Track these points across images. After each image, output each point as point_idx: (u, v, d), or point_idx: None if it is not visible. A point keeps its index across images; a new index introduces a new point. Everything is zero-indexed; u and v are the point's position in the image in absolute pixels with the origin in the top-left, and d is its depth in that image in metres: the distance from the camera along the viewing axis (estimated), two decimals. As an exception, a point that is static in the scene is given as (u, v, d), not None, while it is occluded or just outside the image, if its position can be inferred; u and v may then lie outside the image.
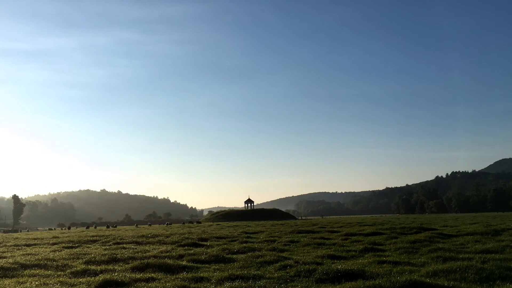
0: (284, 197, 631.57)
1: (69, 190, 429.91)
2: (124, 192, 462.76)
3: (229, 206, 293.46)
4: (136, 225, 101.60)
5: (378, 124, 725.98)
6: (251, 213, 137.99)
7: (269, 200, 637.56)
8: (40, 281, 13.08)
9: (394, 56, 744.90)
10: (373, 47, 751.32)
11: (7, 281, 13.30)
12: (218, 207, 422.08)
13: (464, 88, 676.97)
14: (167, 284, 12.06)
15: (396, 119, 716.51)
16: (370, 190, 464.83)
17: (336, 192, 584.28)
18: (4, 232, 66.75)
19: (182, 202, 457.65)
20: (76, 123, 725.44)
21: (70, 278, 13.86)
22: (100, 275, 13.53)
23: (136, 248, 22.31)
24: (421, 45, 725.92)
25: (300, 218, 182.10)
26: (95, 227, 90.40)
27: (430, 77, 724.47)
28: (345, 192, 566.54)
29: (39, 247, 25.84)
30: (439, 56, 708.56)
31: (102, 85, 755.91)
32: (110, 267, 15.65)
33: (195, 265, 15.96)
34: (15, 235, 50.72)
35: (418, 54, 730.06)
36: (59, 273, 14.91)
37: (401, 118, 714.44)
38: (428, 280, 11.36)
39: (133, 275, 13.47)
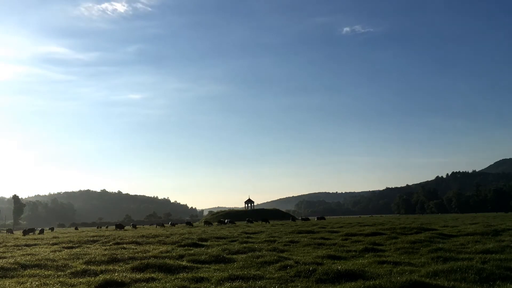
0: (284, 197, 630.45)
1: (69, 190, 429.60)
2: (124, 192, 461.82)
3: (229, 206, 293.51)
4: (171, 224, 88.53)
5: (379, 123, 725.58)
6: (251, 213, 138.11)
7: (269, 200, 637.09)
8: (40, 281, 13.08)
9: (395, 58, 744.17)
10: (376, 52, 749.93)
11: (7, 281, 13.31)
12: (218, 207, 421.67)
13: (464, 88, 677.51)
14: (167, 284, 12.07)
15: (396, 119, 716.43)
16: (370, 190, 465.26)
17: (336, 192, 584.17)
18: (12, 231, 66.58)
19: (182, 202, 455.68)
20: (75, 124, 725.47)
21: (70, 278, 13.88)
22: (100, 275, 13.54)
23: (136, 249, 22.31)
24: (422, 46, 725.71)
25: (300, 218, 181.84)
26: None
27: (431, 78, 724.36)
28: (345, 192, 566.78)
29: (39, 247, 25.90)
30: (440, 56, 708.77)
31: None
32: (110, 267, 15.67)
33: (195, 265, 15.97)
34: (15, 235, 50.89)
35: (418, 55, 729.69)
36: (59, 273, 14.92)
37: (401, 118, 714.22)
38: (428, 280, 11.35)
39: (133, 275, 13.49)
